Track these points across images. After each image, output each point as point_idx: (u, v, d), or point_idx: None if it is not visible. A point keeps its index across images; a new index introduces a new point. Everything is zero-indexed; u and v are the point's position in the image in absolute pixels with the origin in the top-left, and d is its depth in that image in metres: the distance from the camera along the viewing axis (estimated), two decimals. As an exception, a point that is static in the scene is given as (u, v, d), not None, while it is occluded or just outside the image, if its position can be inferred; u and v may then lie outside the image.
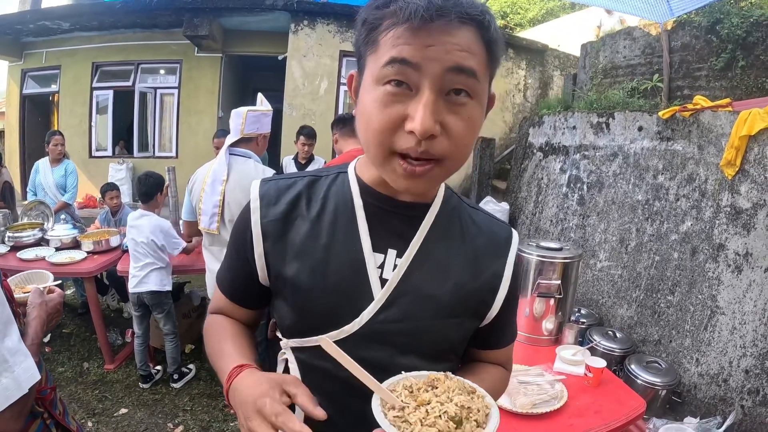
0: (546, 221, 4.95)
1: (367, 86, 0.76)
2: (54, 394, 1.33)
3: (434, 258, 0.90)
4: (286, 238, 0.89)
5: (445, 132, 0.72)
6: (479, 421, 0.71)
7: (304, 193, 0.92)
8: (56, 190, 4.94)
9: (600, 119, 4.38)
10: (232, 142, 2.77)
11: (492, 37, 0.74)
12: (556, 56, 9.22)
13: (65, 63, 9.08)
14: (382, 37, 0.72)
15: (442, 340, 0.92)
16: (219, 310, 1.05)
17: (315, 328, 0.87)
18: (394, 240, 0.89)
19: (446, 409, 0.71)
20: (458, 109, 0.73)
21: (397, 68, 0.70)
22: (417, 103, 0.70)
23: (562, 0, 11.36)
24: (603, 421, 1.90)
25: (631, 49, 5.15)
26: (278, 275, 0.90)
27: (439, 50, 0.69)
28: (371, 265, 0.87)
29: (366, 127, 0.75)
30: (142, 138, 9.34)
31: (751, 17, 4.11)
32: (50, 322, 1.34)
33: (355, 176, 0.92)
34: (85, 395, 3.55)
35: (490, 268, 0.95)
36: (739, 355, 3.06)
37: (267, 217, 0.90)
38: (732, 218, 3.25)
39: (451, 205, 0.96)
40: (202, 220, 2.75)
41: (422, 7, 0.66)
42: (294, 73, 8.04)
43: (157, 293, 3.47)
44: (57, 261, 3.74)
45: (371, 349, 0.86)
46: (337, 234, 0.88)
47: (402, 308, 0.87)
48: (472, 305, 0.93)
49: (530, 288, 2.59)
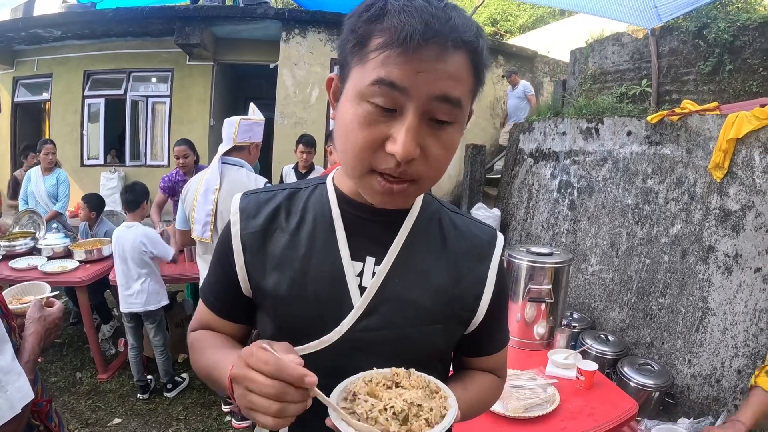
0: (537, 227, 4.98)
1: (349, 97, 0.74)
2: (50, 406, 1.32)
3: (414, 264, 0.89)
4: (265, 249, 0.89)
5: (424, 155, 0.72)
6: (430, 420, 0.70)
7: (283, 205, 0.92)
8: (48, 199, 4.92)
9: (589, 125, 4.42)
10: (224, 150, 2.79)
11: (481, 62, 0.73)
12: (546, 62, 9.29)
13: (57, 71, 9.05)
14: (372, 53, 0.69)
15: (425, 346, 0.90)
16: (203, 325, 1.02)
17: (296, 339, 0.84)
18: (372, 247, 0.88)
19: (393, 404, 0.71)
20: (439, 134, 0.73)
21: (384, 90, 0.68)
22: (401, 126, 0.69)
23: (551, 7, 11.42)
24: (595, 424, 1.92)
25: (619, 55, 5.19)
26: (258, 287, 0.90)
27: (429, 77, 0.67)
28: (350, 274, 0.86)
29: (345, 140, 0.75)
30: (133, 147, 9.29)
31: (737, 21, 4.17)
32: (48, 337, 1.32)
33: (334, 187, 0.92)
34: (78, 405, 3.53)
35: (472, 273, 0.93)
36: (731, 355, 3.09)
37: (246, 230, 0.90)
38: (721, 220, 3.28)
39: (431, 210, 0.95)
40: (195, 229, 2.75)
41: (419, 30, 0.65)
42: (285, 81, 8.06)
43: (152, 312, 3.50)
44: (49, 270, 3.72)
45: (353, 358, 0.85)
46: (315, 244, 0.88)
47: (383, 316, 0.86)
48: (455, 311, 0.92)
49: (521, 293, 2.61)
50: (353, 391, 0.74)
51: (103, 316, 4.58)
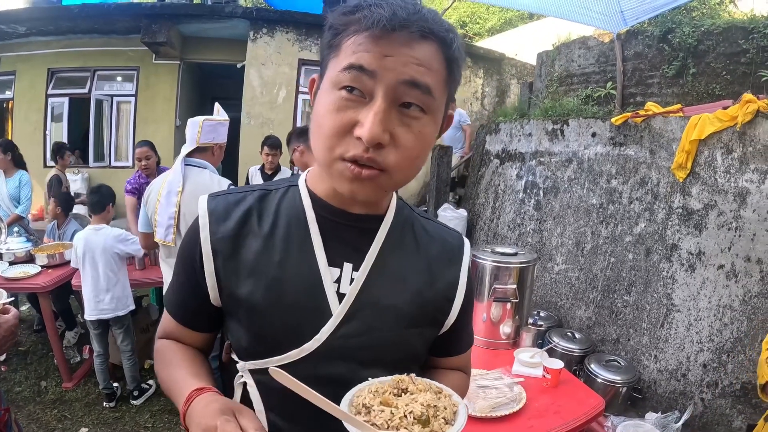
0: (504, 227, 5.02)
1: (324, 90, 0.76)
2: (9, 416, 1.28)
3: (390, 269, 0.89)
4: (239, 255, 0.86)
5: (394, 143, 0.72)
6: (447, 419, 0.71)
7: (255, 207, 0.89)
8: (9, 202, 4.77)
9: (555, 126, 4.48)
10: (187, 151, 2.74)
11: (453, 55, 0.75)
12: (513, 65, 9.37)
13: (20, 69, 8.73)
14: (344, 42, 0.72)
15: (404, 350, 0.91)
16: (168, 334, 0.99)
17: (274, 349, 0.84)
18: (349, 253, 0.87)
19: (411, 409, 0.71)
20: (410, 122, 0.73)
21: (353, 74, 0.70)
22: (368, 111, 0.70)
23: (519, 10, 11.56)
24: (563, 421, 1.94)
25: (585, 58, 5.27)
26: (231, 295, 0.86)
27: (397, 61, 0.69)
28: (327, 280, 0.85)
29: (317, 130, 0.75)
30: (98, 147, 9.02)
31: (702, 26, 4.27)
32: (4, 345, 1.28)
33: (307, 189, 0.90)
34: (44, 415, 3.43)
35: (445, 277, 0.95)
36: (696, 350, 3.17)
37: (217, 234, 0.86)
38: (684, 219, 3.36)
39: (404, 216, 0.95)
40: (158, 232, 2.69)
41: (386, 17, 0.67)
42: (252, 81, 7.96)
43: (120, 317, 3.43)
44: (11, 276, 3.62)
45: (334, 365, 0.84)
46: (291, 250, 0.85)
47: (362, 322, 0.85)
48: (430, 313, 0.93)
49: (486, 293, 2.63)
50: (363, 404, 0.73)
51: (68, 323, 4.46)
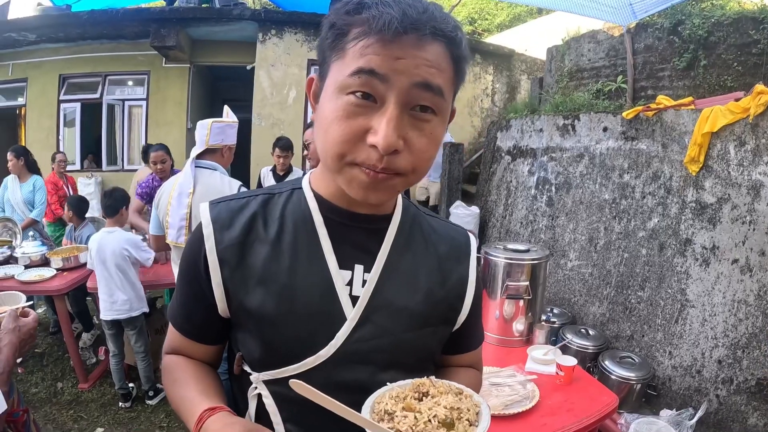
0: (516, 223, 5.00)
1: (329, 93, 0.72)
2: (27, 417, 1.30)
3: (402, 269, 0.88)
4: (246, 264, 0.83)
5: (408, 147, 0.71)
6: (471, 420, 0.71)
7: (259, 213, 0.86)
8: (24, 206, 4.84)
9: (566, 121, 4.45)
10: (197, 153, 2.76)
11: (461, 54, 0.73)
12: (523, 60, 9.33)
13: (32, 75, 8.84)
14: (350, 44, 0.69)
15: (419, 351, 0.90)
16: (175, 349, 0.96)
17: (288, 358, 0.82)
18: (359, 255, 0.86)
19: (435, 412, 0.70)
20: (422, 126, 0.72)
21: (363, 79, 0.67)
22: (381, 117, 0.68)
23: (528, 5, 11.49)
24: (576, 419, 1.93)
25: (595, 52, 5.23)
26: (240, 305, 0.84)
27: (409, 64, 0.67)
28: (340, 284, 0.83)
29: (325, 136, 0.72)
30: (110, 151, 9.13)
31: (712, 18, 4.21)
32: (23, 347, 1.29)
33: (311, 191, 0.88)
34: (60, 416, 3.48)
35: (455, 274, 0.94)
36: (711, 346, 3.13)
37: (222, 243, 0.83)
38: (697, 213, 3.32)
39: (411, 214, 0.94)
40: (170, 234, 2.71)
41: (397, 18, 0.65)
42: (262, 82, 8.00)
43: (133, 319, 3.45)
44: (26, 279, 3.67)
45: (351, 370, 0.83)
46: (299, 254, 0.83)
47: (376, 324, 0.84)
48: (442, 312, 0.92)
49: (499, 290, 2.61)
50: (385, 410, 0.72)
51: (85, 324, 4.52)
